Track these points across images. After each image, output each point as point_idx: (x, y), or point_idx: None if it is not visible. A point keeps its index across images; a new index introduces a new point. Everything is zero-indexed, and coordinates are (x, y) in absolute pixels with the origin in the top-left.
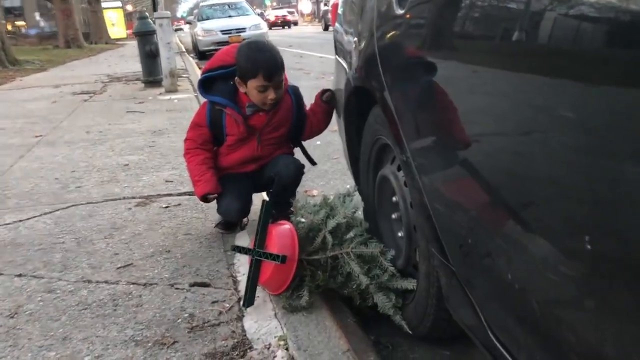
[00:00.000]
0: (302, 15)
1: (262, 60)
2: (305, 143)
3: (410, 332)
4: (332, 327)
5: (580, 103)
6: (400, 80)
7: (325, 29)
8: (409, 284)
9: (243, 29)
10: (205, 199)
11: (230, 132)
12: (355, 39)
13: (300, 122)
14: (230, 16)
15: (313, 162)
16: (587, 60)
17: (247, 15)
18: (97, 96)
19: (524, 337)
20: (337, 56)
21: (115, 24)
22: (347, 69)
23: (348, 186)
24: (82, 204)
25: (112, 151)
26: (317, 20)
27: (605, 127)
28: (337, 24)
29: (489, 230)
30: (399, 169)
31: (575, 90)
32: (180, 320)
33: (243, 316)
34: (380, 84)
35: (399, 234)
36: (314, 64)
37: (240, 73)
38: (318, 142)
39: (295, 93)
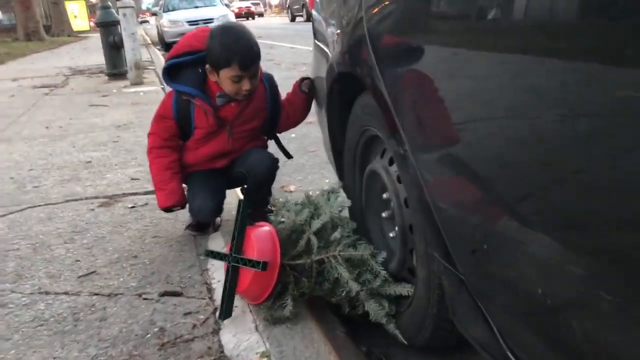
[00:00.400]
0: (270, 6)
1: (238, 49)
2: (279, 135)
3: (405, 342)
4: (320, 340)
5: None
6: (397, 62)
7: (292, 19)
8: (404, 289)
9: (211, 20)
10: (168, 210)
11: (199, 124)
12: (340, 20)
13: (275, 113)
14: (197, 7)
15: (289, 156)
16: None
17: (214, 5)
18: (59, 90)
19: (552, 357)
20: (316, 41)
21: (77, 16)
22: (329, 54)
23: (328, 180)
24: (39, 205)
25: (73, 147)
26: (285, 11)
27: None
28: (316, 7)
29: (512, 235)
30: (390, 163)
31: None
32: (149, 335)
33: (220, 329)
34: (371, 69)
35: (391, 235)
36: (285, 54)
37: (213, 61)
38: (293, 135)
39: (269, 82)
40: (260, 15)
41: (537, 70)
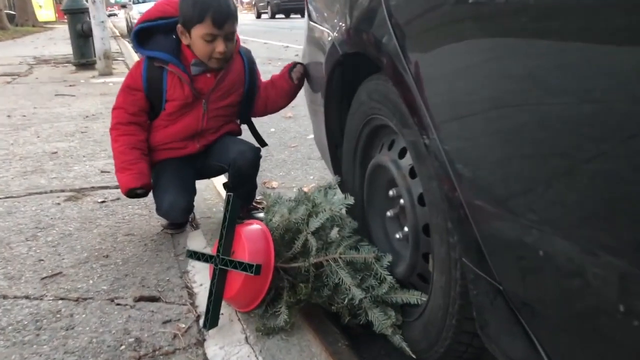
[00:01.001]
0: (241, 3)
1: (212, 3)
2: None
3: (413, 355)
4: (321, 354)
5: None
6: (426, 37)
7: (258, 16)
8: (414, 297)
9: None
10: (133, 193)
11: (171, 96)
12: None
13: (252, 92)
14: None
15: (263, 143)
16: None
17: None
18: (22, 78)
19: None
20: (312, 22)
21: (43, 6)
22: (331, 34)
23: (312, 177)
24: None
25: (37, 137)
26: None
27: None
28: None
29: (580, 241)
30: (401, 156)
31: None
32: (123, 347)
33: (204, 340)
34: (390, 46)
35: (397, 236)
36: (259, 49)
37: (184, 19)
38: (272, 130)
39: (247, 55)
40: None
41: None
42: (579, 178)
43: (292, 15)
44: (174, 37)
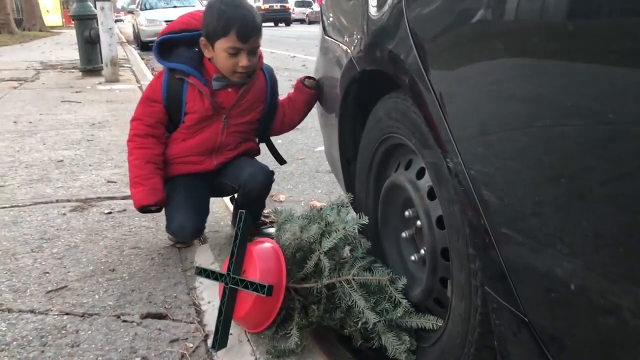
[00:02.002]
0: None
1: (237, 17)
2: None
3: None
4: None
5: None
6: (452, 57)
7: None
8: (430, 322)
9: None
10: (146, 209)
11: (191, 108)
12: (366, 9)
13: (271, 111)
14: (175, 6)
15: (282, 161)
16: None
17: (192, 6)
18: (29, 84)
19: None
20: (327, 37)
21: (50, 10)
22: (348, 49)
23: (320, 191)
24: (4, 207)
25: (43, 145)
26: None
27: None
28: None
29: (613, 276)
30: (419, 177)
31: None
32: None
33: None
34: (412, 64)
35: (412, 258)
36: (266, 59)
37: (208, 32)
38: (280, 141)
39: (270, 73)
40: None
41: None
42: (617, 211)
43: (279, 24)
44: (197, 50)
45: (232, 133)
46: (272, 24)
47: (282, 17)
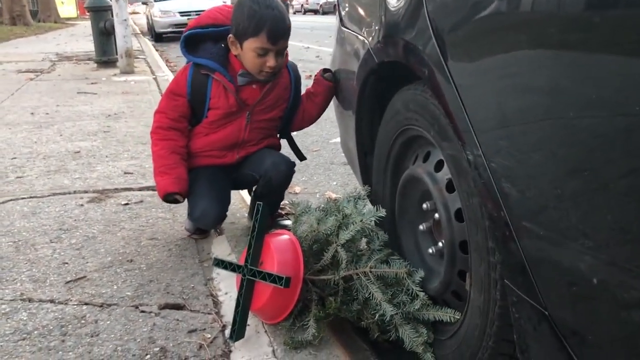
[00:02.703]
0: None
1: (269, 17)
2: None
3: None
4: None
5: None
6: (473, 48)
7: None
8: (447, 315)
9: (203, 11)
10: (169, 198)
11: (215, 104)
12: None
13: (295, 108)
14: None
15: (302, 157)
16: None
17: None
18: (45, 75)
19: None
20: (344, 28)
21: (65, 2)
22: (366, 41)
23: (335, 183)
24: (23, 198)
25: (60, 136)
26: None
27: None
28: None
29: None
30: (437, 169)
31: None
32: (149, 356)
33: (230, 352)
34: (432, 56)
35: (430, 250)
36: None
37: (238, 30)
38: (294, 133)
39: (294, 71)
40: None
41: None
42: None
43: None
44: (223, 45)
45: (255, 129)
46: None
47: None
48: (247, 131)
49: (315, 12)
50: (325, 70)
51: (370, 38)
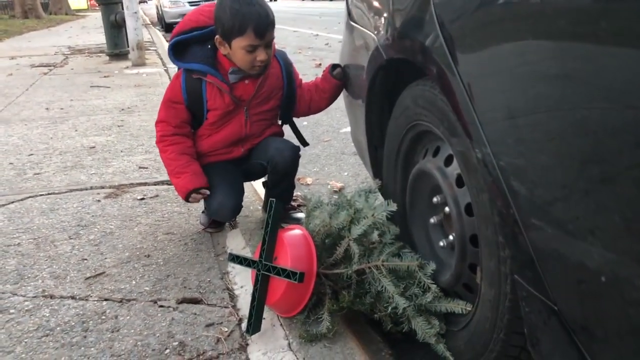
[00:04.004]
0: None
1: (252, 14)
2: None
3: None
4: None
5: None
6: (479, 46)
7: None
8: (459, 307)
9: (212, 1)
10: (192, 195)
11: (212, 105)
12: None
13: (291, 94)
14: None
15: (305, 143)
16: None
17: None
18: (58, 69)
19: None
20: (353, 22)
21: None
22: (374, 37)
23: (346, 174)
24: (41, 194)
25: (75, 131)
26: None
27: None
28: None
29: None
30: (447, 164)
31: None
32: (168, 350)
33: (247, 345)
34: (439, 54)
35: (441, 244)
36: (289, 38)
37: (224, 31)
38: (305, 123)
39: (283, 59)
40: None
41: None
42: None
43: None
44: (210, 46)
45: (255, 122)
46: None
47: None
48: (248, 126)
49: None
50: (334, 67)
51: (379, 34)
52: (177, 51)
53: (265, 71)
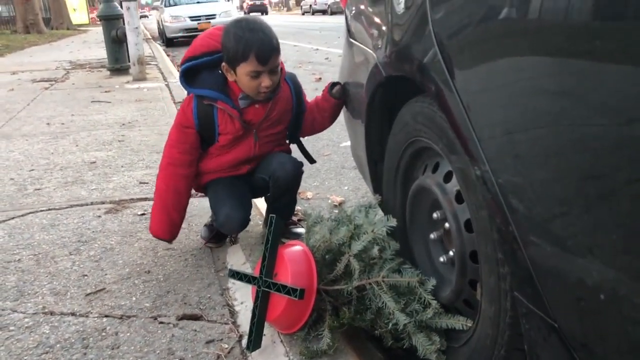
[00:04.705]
0: (270, 3)
1: (254, 40)
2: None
3: None
4: None
5: None
6: (478, 63)
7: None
8: (459, 323)
9: (213, 16)
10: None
11: (223, 130)
12: (390, 14)
13: (299, 116)
14: (198, 2)
15: (312, 160)
16: None
17: (216, 1)
18: (59, 84)
19: None
20: (352, 40)
21: (76, 9)
22: (373, 54)
23: (346, 188)
24: (42, 210)
25: (76, 146)
26: (285, 9)
27: None
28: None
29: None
30: (446, 180)
31: None
32: None
33: None
34: (437, 71)
35: (441, 259)
36: (289, 52)
37: (228, 57)
38: (306, 137)
39: (293, 82)
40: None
41: None
42: None
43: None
44: (220, 72)
45: (264, 144)
46: (259, 13)
47: (261, 9)
48: (257, 147)
49: (324, 12)
50: (333, 85)
51: (378, 52)
52: (188, 76)
53: (273, 96)
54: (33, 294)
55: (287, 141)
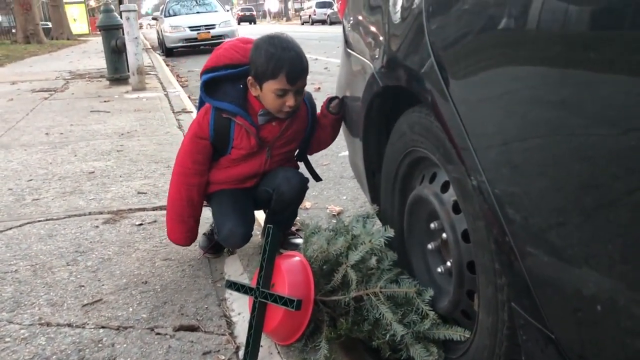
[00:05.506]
0: (269, 13)
1: (287, 59)
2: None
3: None
4: None
5: None
6: (474, 74)
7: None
8: (457, 334)
9: (212, 26)
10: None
11: (238, 145)
12: (387, 24)
13: (311, 134)
14: (198, 12)
15: (318, 178)
16: None
17: (215, 11)
18: (59, 94)
19: None
20: (349, 50)
21: (77, 19)
22: (370, 64)
23: (345, 197)
24: (39, 220)
25: (74, 156)
26: (284, 19)
27: None
28: (351, 10)
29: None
30: (443, 190)
31: None
32: None
33: None
34: (433, 82)
35: (439, 270)
36: None
37: (257, 72)
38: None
39: (310, 101)
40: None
41: None
42: None
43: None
44: (242, 86)
45: (275, 162)
46: (247, 23)
47: (250, 19)
48: (268, 164)
49: (323, 22)
50: (330, 100)
51: (375, 62)
52: (208, 87)
53: (292, 116)
54: (29, 305)
55: (295, 159)
